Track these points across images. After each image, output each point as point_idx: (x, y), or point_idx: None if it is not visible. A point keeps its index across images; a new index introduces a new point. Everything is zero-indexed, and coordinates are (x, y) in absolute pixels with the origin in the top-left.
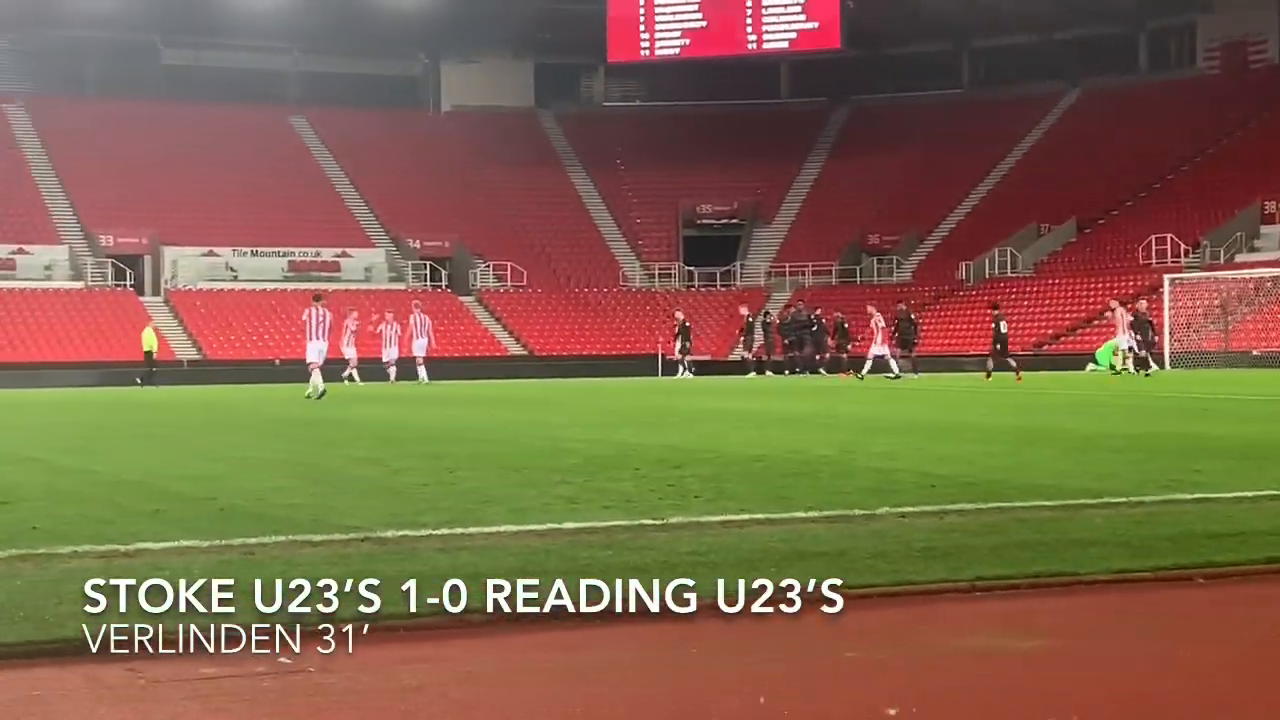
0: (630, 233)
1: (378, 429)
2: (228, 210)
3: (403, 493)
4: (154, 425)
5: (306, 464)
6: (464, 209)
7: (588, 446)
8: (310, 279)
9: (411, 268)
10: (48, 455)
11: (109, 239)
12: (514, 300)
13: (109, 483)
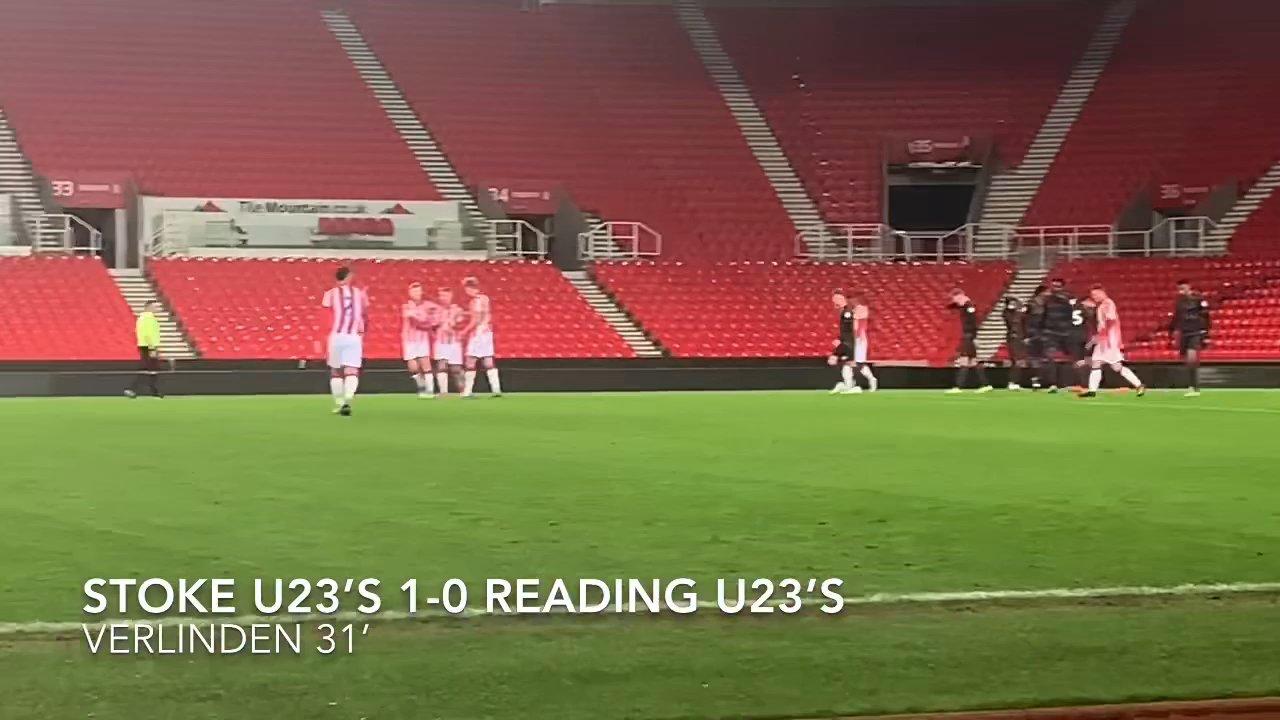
0: (813, 182)
1: (449, 462)
2: (233, 148)
3: (483, 553)
4: (129, 451)
5: (346, 510)
6: (570, 146)
7: (751, 490)
8: (350, 244)
9: (495, 229)
10: None
11: (65, 186)
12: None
13: (68, 533)
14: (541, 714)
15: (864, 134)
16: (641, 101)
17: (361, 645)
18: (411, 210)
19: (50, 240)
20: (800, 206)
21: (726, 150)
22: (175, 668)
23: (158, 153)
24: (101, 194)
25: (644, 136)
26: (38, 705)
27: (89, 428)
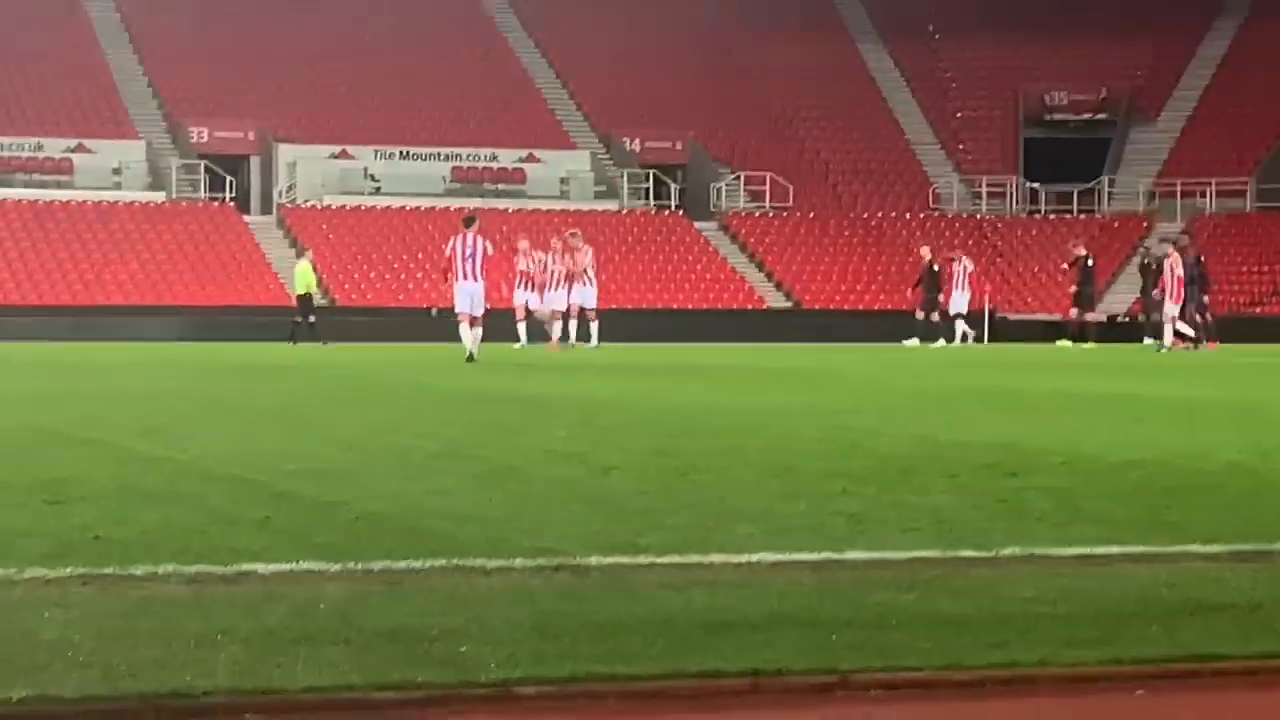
0: (947, 133)
1: (579, 410)
2: (367, 96)
3: (613, 502)
4: (261, 396)
5: (477, 457)
6: (705, 96)
7: (882, 442)
8: (482, 193)
9: (627, 179)
10: (115, 436)
11: (201, 133)
12: (775, 229)
13: (200, 477)
14: (670, 664)
15: (999, 85)
16: (775, 50)
17: (491, 592)
18: (544, 159)
19: (185, 187)
20: (934, 158)
21: (860, 101)
22: (306, 612)
23: (292, 100)
24: (236, 141)
25: (777, 86)
26: (171, 646)
27: (221, 373)
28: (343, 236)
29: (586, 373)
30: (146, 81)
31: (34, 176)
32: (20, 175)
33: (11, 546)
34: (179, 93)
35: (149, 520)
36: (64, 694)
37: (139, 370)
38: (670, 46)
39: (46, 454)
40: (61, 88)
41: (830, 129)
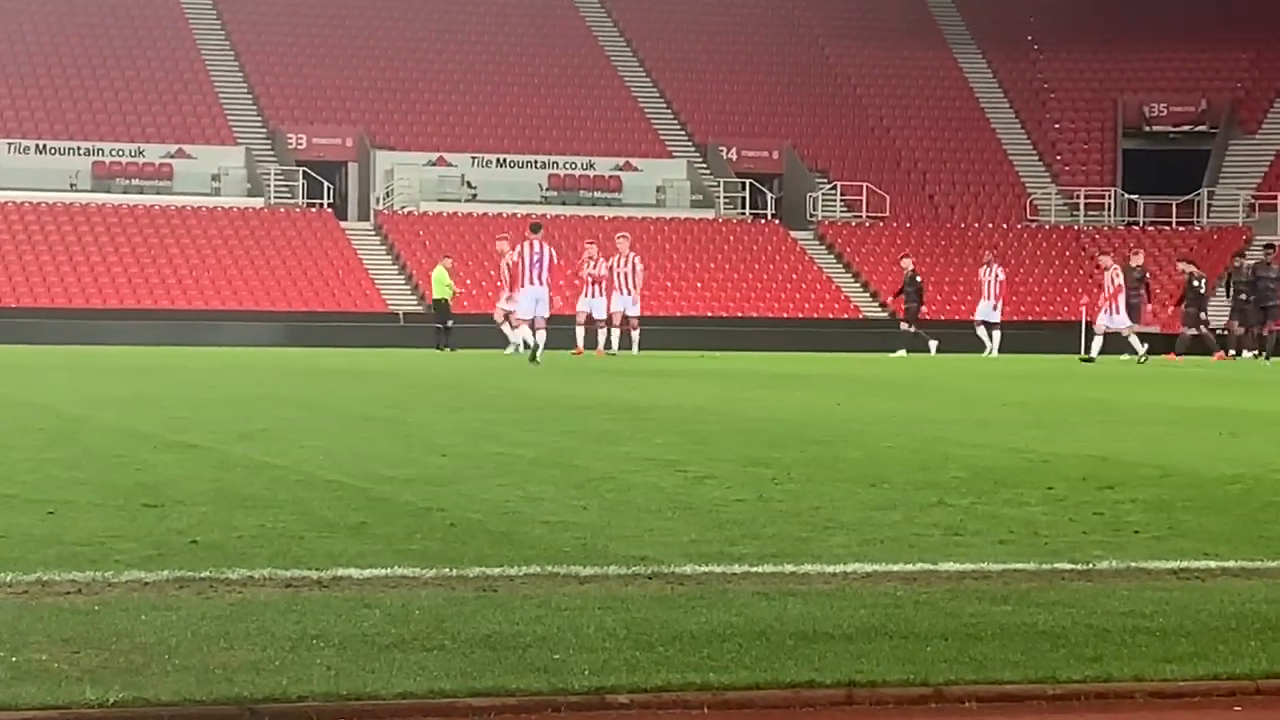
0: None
1: (675, 419)
2: (465, 104)
3: (708, 511)
4: (358, 402)
5: (573, 465)
6: (801, 105)
7: (977, 454)
8: (579, 200)
9: (723, 188)
10: (213, 441)
11: (300, 140)
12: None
13: (297, 482)
14: (763, 672)
15: (1098, 96)
16: (872, 60)
17: (585, 600)
18: (640, 168)
19: (283, 193)
20: (1032, 168)
21: (957, 110)
22: (401, 618)
23: (390, 107)
24: (334, 147)
25: (874, 95)
26: (266, 650)
27: (319, 378)
28: (439, 243)
29: (684, 381)
30: (246, 88)
31: (134, 182)
32: (121, 180)
33: (110, 549)
34: (278, 100)
35: (245, 524)
36: (160, 697)
37: (236, 375)
38: (767, 55)
39: (144, 458)
40: (162, 94)
41: (927, 139)
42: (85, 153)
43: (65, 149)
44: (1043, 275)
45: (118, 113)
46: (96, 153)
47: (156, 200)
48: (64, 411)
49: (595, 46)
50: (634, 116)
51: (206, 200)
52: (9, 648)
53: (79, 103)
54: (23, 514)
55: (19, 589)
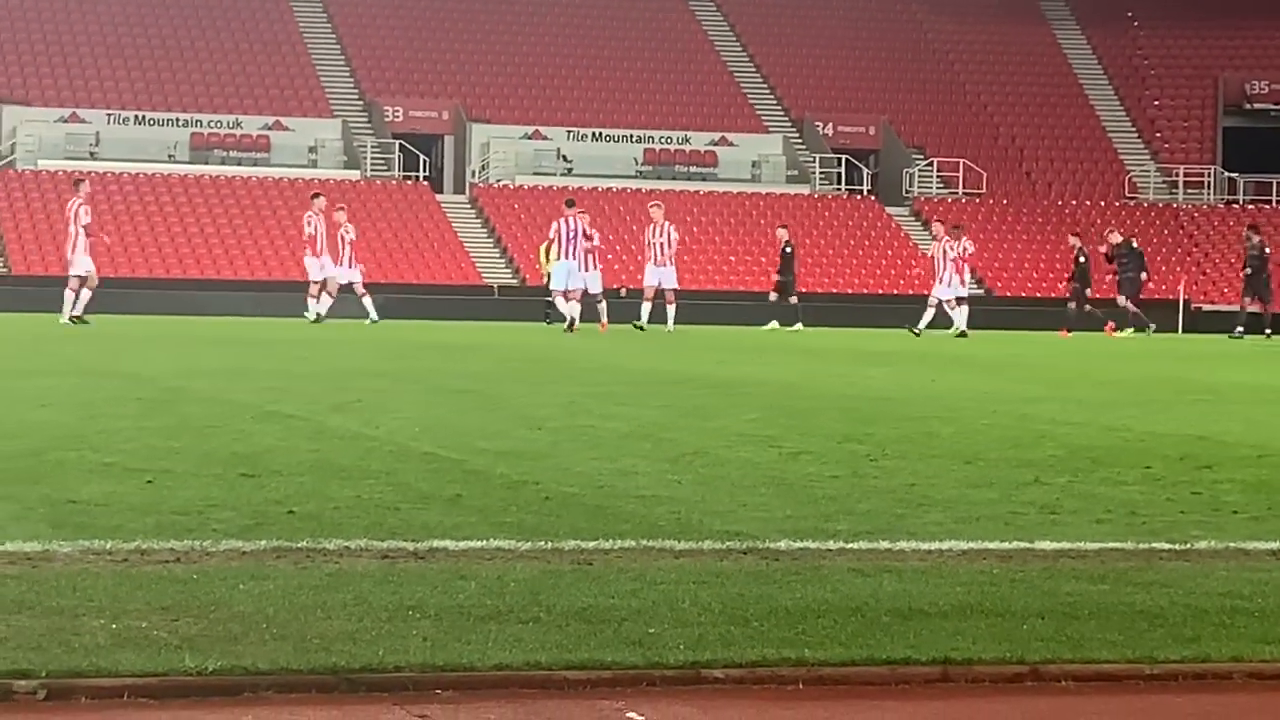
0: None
1: (769, 394)
2: (561, 77)
3: (803, 487)
4: (452, 375)
5: (666, 439)
6: (898, 81)
7: (1073, 432)
8: (673, 175)
9: (819, 163)
10: (309, 411)
11: (396, 112)
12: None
13: (392, 454)
14: (859, 649)
15: (1198, 73)
16: (970, 35)
17: (680, 574)
18: (736, 143)
19: (379, 165)
20: (1130, 146)
21: (1055, 87)
22: (496, 590)
23: (486, 80)
24: (430, 120)
25: (972, 71)
26: (363, 620)
27: (413, 350)
28: (534, 217)
29: (775, 356)
30: (343, 60)
31: (231, 153)
32: (219, 152)
33: (208, 518)
34: (375, 72)
35: (342, 495)
36: (258, 665)
37: (331, 346)
38: (865, 31)
39: (241, 428)
40: (260, 66)
41: (1025, 115)
42: (184, 124)
43: (164, 120)
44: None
45: (216, 84)
46: (195, 124)
47: (254, 172)
48: (162, 381)
49: (692, 20)
50: (730, 91)
51: (304, 172)
52: (109, 615)
53: (178, 74)
54: (121, 482)
55: (119, 557)
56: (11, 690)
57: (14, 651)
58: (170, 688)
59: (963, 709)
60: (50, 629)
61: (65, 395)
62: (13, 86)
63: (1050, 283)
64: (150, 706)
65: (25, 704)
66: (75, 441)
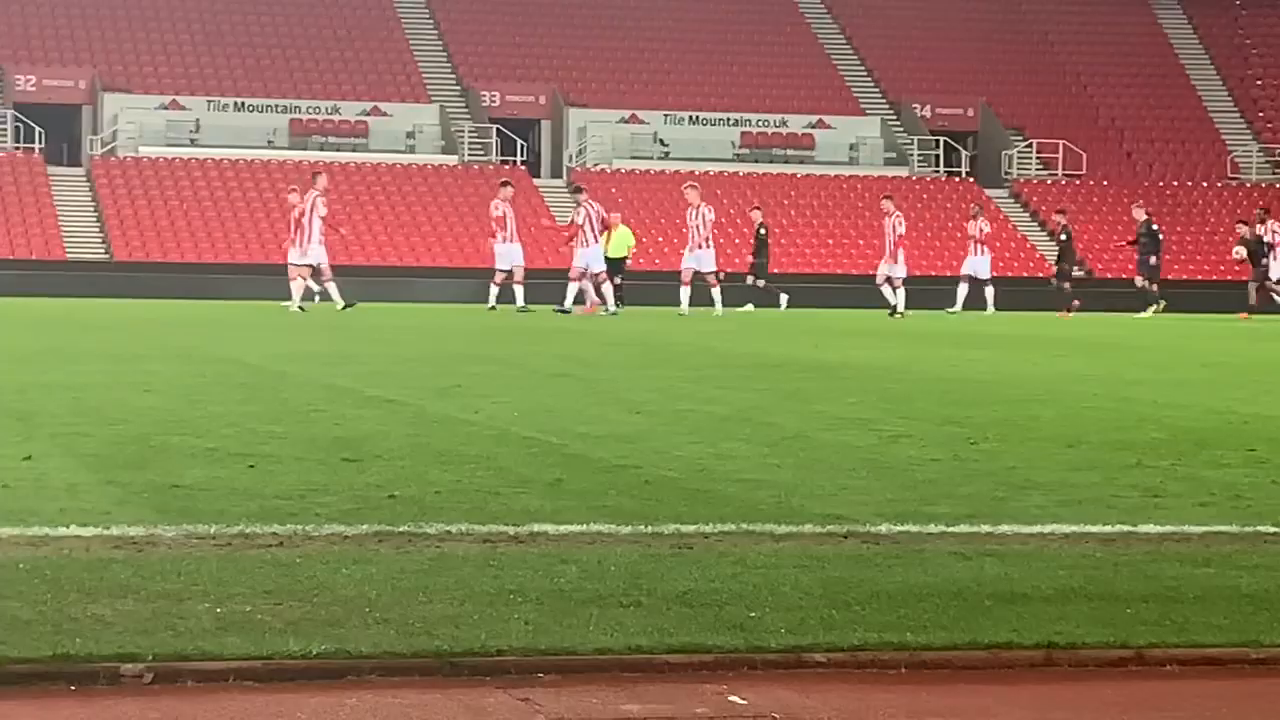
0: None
1: (867, 377)
2: (658, 61)
3: (903, 470)
4: (550, 359)
5: (765, 423)
6: (996, 62)
7: (1176, 414)
8: (770, 158)
9: (917, 145)
10: (408, 396)
11: (493, 97)
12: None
13: (492, 438)
14: (961, 633)
15: None
16: (1070, 15)
17: (780, 558)
18: (833, 125)
19: (477, 150)
20: (1233, 126)
21: (1157, 67)
22: (597, 574)
23: (583, 65)
24: (528, 105)
25: (1071, 51)
26: (464, 604)
27: (511, 334)
28: (631, 201)
29: (874, 340)
30: (441, 46)
31: (330, 139)
32: (317, 137)
33: (309, 503)
34: (472, 57)
35: (442, 480)
36: (361, 649)
37: (431, 332)
38: (963, 12)
39: (342, 413)
40: (358, 52)
41: (1125, 95)
42: (283, 110)
43: (263, 106)
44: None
45: (315, 71)
46: (294, 110)
47: (352, 157)
48: (263, 366)
49: (789, 2)
50: (827, 73)
51: (401, 157)
52: (213, 599)
53: (277, 61)
54: (224, 467)
55: (222, 541)
56: (119, 673)
57: (121, 635)
58: (275, 671)
59: (1066, 693)
60: (156, 613)
61: (168, 380)
62: (114, 74)
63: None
64: (255, 690)
65: (132, 687)
66: (179, 426)
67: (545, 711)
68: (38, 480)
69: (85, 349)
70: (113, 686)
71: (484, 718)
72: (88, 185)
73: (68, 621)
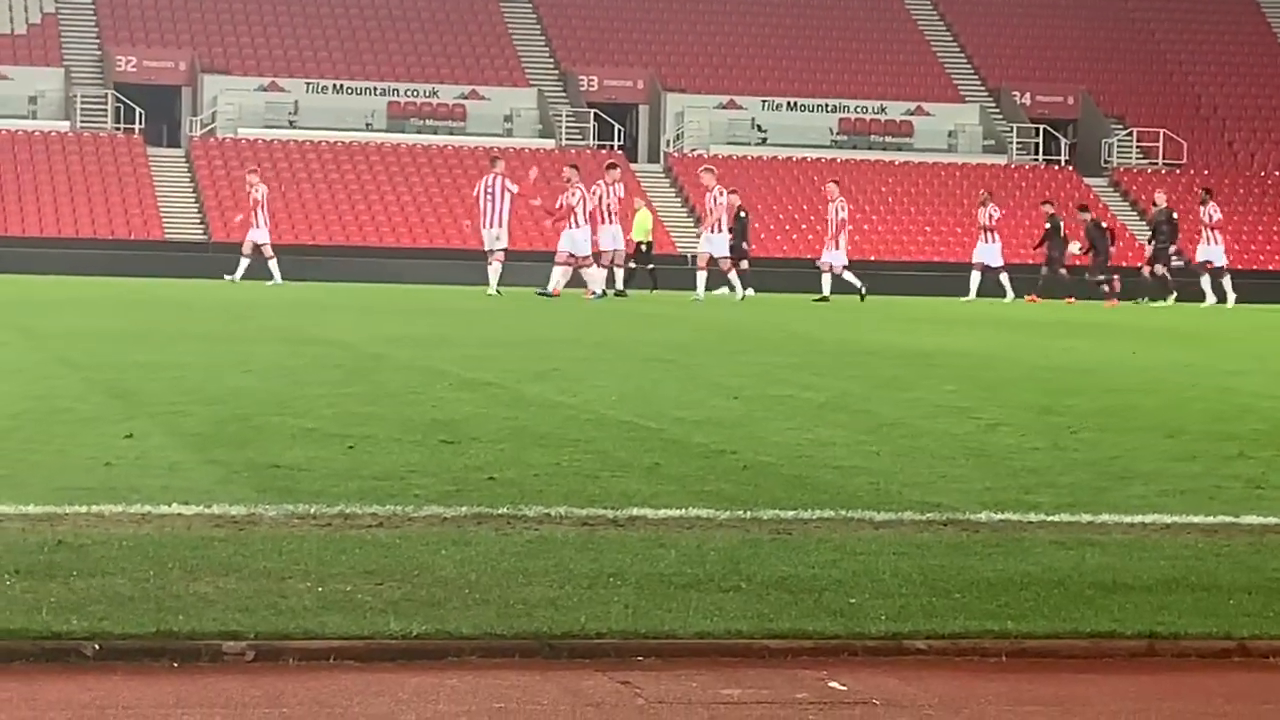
0: None
1: (965, 365)
2: (756, 46)
3: (1002, 459)
4: (646, 344)
5: (863, 410)
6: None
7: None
8: (870, 145)
9: (1016, 133)
10: (506, 379)
11: (591, 82)
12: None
13: (590, 421)
14: (1062, 622)
15: None
16: (1171, 3)
17: (880, 545)
18: (932, 112)
19: (574, 134)
20: None
21: (1259, 56)
22: (696, 558)
23: (681, 50)
24: (625, 89)
25: (1173, 40)
26: (564, 587)
27: (605, 319)
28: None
29: (968, 327)
30: (539, 30)
31: (428, 122)
32: (415, 120)
33: (409, 484)
34: (570, 42)
35: (541, 462)
36: (461, 630)
37: (526, 314)
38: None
39: (440, 395)
40: (456, 35)
41: (1227, 85)
42: (381, 93)
43: (361, 89)
44: None
45: (413, 54)
46: (392, 93)
47: (450, 140)
48: (361, 348)
49: None
50: (926, 60)
51: (499, 141)
52: (315, 578)
53: (376, 44)
54: (324, 448)
55: (323, 521)
56: (221, 651)
57: (223, 613)
58: (375, 650)
59: (1168, 683)
60: (258, 591)
61: (267, 361)
62: (214, 56)
63: (1253, 255)
64: (355, 669)
65: (234, 665)
66: (278, 407)
67: (645, 695)
68: (139, 458)
69: (184, 329)
70: (215, 664)
71: (584, 700)
72: (187, 166)
73: (170, 599)
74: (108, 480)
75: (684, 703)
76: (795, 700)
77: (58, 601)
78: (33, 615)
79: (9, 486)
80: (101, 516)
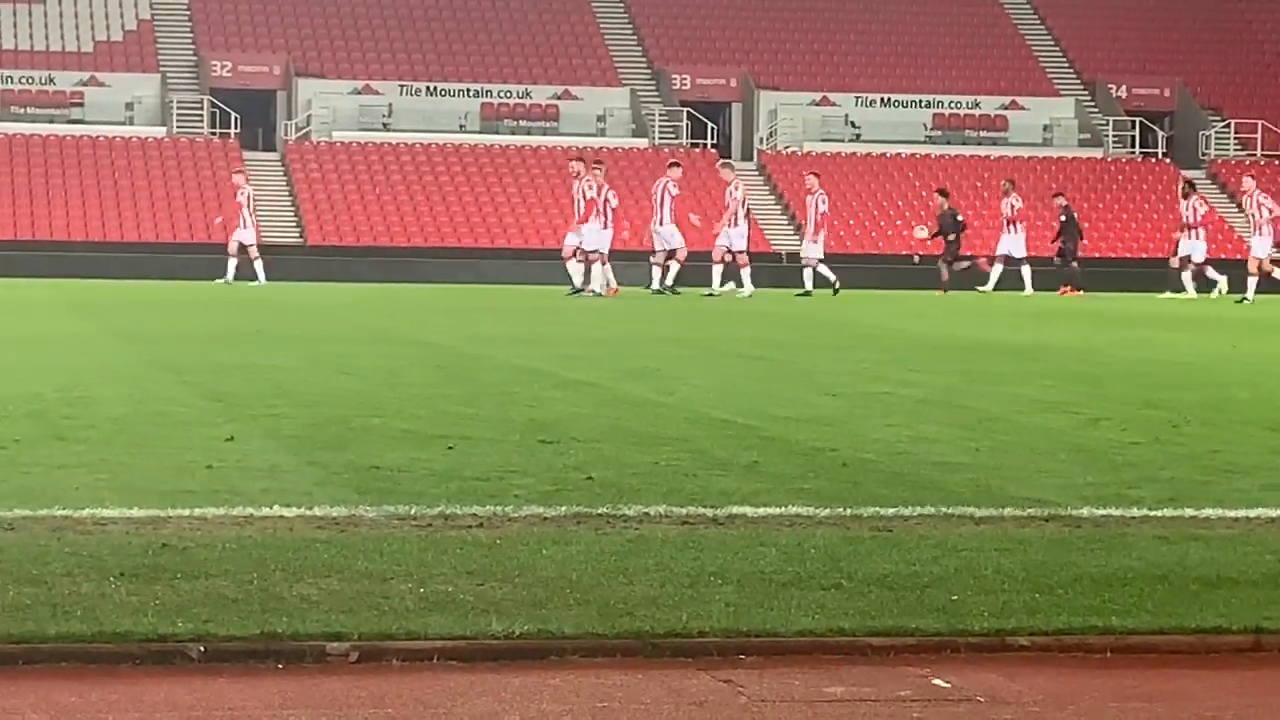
0: None
1: (1064, 360)
2: (849, 42)
3: (1103, 454)
4: (740, 342)
5: (962, 406)
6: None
7: None
8: (963, 140)
9: (1112, 125)
10: (602, 378)
11: (684, 80)
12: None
13: (687, 420)
14: (1166, 618)
15: None
16: None
17: (981, 541)
18: (1027, 106)
19: (667, 133)
20: None
21: None
22: (797, 556)
23: (774, 47)
24: (718, 88)
25: (1271, 30)
26: (664, 586)
27: (701, 317)
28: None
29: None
30: (631, 29)
31: (521, 123)
32: (508, 121)
33: (508, 484)
34: (663, 40)
35: (639, 461)
36: (564, 630)
37: (625, 313)
38: None
39: (537, 395)
40: (549, 36)
41: None
42: (474, 94)
43: (455, 91)
44: None
45: (505, 55)
46: (485, 94)
47: (543, 141)
48: (458, 349)
49: None
50: (1020, 53)
51: (592, 141)
52: (416, 579)
53: (468, 45)
54: (423, 449)
55: (423, 522)
56: (324, 652)
57: (326, 614)
58: (478, 651)
59: (1276, 679)
60: (360, 592)
61: (365, 362)
62: (308, 60)
63: None
64: (459, 669)
65: (338, 666)
66: (377, 408)
67: (748, 693)
68: (240, 461)
69: (281, 332)
70: (319, 665)
71: (686, 699)
72: (282, 170)
73: (274, 600)
74: (209, 483)
75: (787, 701)
76: (898, 698)
77: (162, 604)
78: (138, 618)
79: (113, 490)
80: (204, 519)
